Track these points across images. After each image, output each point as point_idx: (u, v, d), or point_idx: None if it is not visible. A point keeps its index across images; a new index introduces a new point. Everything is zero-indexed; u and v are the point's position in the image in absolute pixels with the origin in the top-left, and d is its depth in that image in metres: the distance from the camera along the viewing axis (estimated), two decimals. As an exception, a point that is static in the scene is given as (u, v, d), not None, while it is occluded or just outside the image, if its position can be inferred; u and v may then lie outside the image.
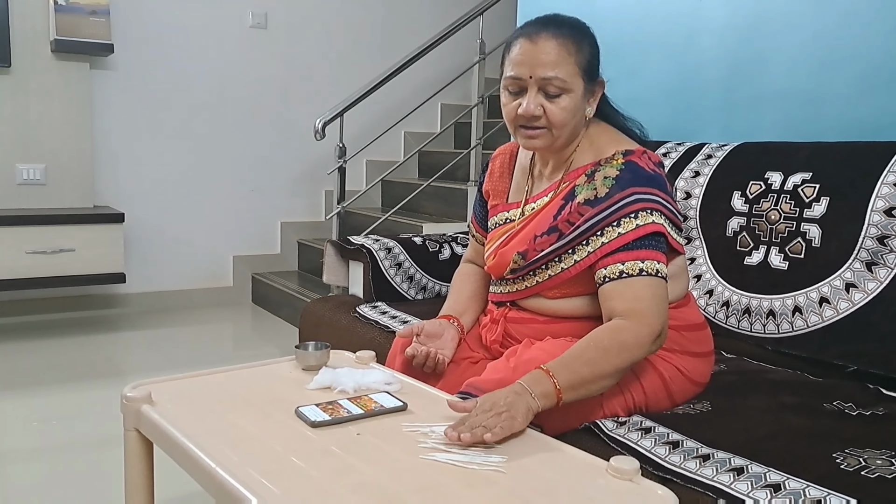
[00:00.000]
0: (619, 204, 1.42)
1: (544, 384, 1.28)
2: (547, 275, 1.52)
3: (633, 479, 1.07)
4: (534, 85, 1.45)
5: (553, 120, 1.45)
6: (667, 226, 1.45)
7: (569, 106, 1.45)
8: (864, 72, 2.02)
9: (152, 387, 1.37)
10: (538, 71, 1.43)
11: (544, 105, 1.45)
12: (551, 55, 1.43)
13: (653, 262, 1.41)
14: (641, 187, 1.43)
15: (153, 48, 4.06)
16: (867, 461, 1.21)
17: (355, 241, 2.46)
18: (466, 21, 4.03)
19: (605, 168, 1.47)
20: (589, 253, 1.45)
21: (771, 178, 1.90)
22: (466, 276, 1.81)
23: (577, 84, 1.45)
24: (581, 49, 1.46)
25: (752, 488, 1.13)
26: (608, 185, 1.44)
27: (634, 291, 1.40)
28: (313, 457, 1.13)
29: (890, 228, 1.66)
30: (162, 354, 3.44)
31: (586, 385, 1.32)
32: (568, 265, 1.48)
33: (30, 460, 2.26)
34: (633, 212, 1.42)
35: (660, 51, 2.56)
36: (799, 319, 1.76)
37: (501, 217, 1.67)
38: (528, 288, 1.56)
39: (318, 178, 4.57)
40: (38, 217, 3.42)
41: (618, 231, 1.42)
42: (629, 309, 1.38)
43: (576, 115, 1.48)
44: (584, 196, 1.47)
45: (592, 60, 1.48)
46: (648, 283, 1.40)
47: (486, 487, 1.04)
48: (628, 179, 1.44)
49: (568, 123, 1.47)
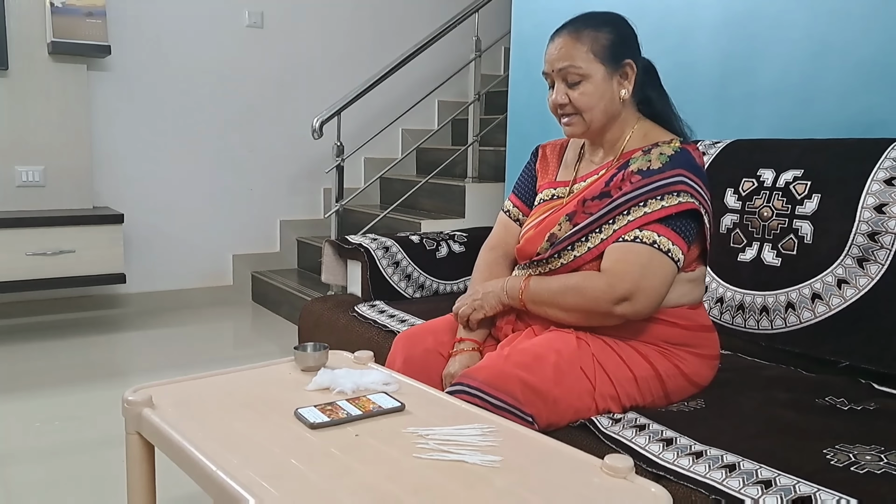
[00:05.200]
0: (668, 180, 1.49)
1: (514, 287, 1.60)
2: (586, 247, 1.55)
3: (627, 476, 1.09)
4: (557, 77, 1.58)
5: (578, 105, 1.56)
6: (704, 216, 1.51)
7: (589, 90, 1.55)
8: (855, 69, 2.03)
9: (153, 390, 1.38)
10: (556, 64, 1.57)
11: (569, 93, 1.57)
12: (562, 48, 1.56)
13: (667, 241, 1.47)
14: (690, 173, 1.50)
15: (150, 49, 4.07)
16: (857, 457, 1.23)
17: (353, 241, 2.48)
18: (462, 18, 4.04)
19: (663, 146, 1.55)
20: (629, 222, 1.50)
21: (763, 176, 1.91)
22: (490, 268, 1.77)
23: (594, 69, 1.54)
24: (596, 37, 1.54)
25: (744, 485, 1.15)
26: (662, 161, 1.52)
27: (623, 254, 1.48)
28: (312, 458, 1.14)
29: (880, 225, 1.68)
30: (163, 354, 3.46)
31: (544, 307, 1.56)
32: (607, 235, 1.52)
33: (32, 461, 2.27)
34: (678, 191, 1.48)
35: (653, 48, 2.56)
36: (792, 315, 1.78)
37: (547, 193, 1.73)
38: (563, 265, 1.58)
39: (316, 176, 4.59)
40: (37, 219, 3.43)
41: (661, 204, 1.48)
42: (608, 267, 1.49)
43: (603, 98, 1.55)
44: (637, 166, 1.54)
45: (612, 46, 1.55)
46: (641, 252, 1.47)
47: (483, 487, 1.06)
48: (681, 161, 1.52)
49: (595, 106, 1.55)
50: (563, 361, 1.44)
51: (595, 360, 1.47)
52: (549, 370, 1.42)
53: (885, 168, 1.72)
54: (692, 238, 1.51)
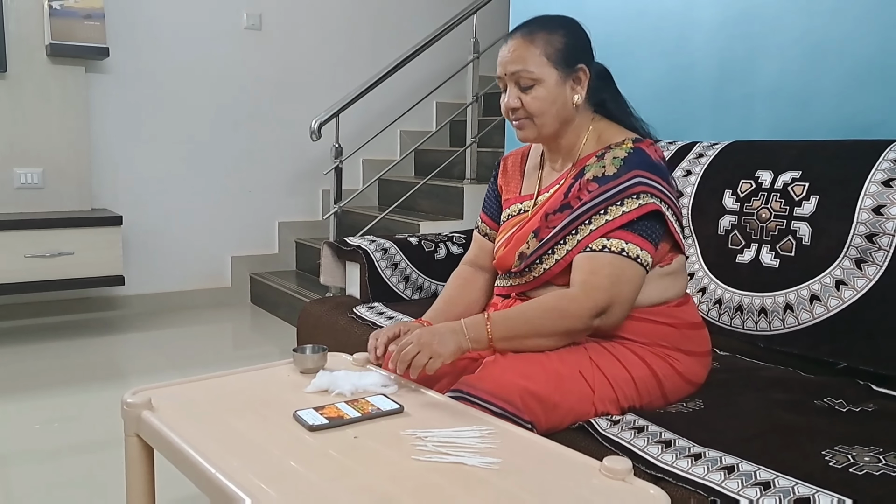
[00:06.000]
0: (625, 184, 1.48)
1: (479, 331, 1.44)
2: (553, 259, 1.54)
3: (625, 478, 1.09)
4: (510, 80, 1.55)
5: (531, 109, 1.54)
6: (667, 212, 1.50)
7: (541, 95, 1.52)
8: (852, 70, 2.03)
9: (152, 392, 1.38)
10: (508, 67, 1.54)
11: (521, 97, 1.54)
12: (515, 51, 1.53)
13: (635, 247, 1.46)
14: (646, 172, 1.49)
15: (148, 51, 4.07)
16: (856, 458, 1.23)
17: (351, 243, 2.48)
18: (460, 20, 4.05)
19: (615, 150, 1.54)
20: (591, 231, 1.49)
21: (761, 177, 1.92)
22: (464, 282, 1.80)
23: (547, 73, 1.52)
24: (550, 40, 1.52)
25: (743, 486, 1.15)
26: (616, 165, 1.50)
27: (594, 265, 1.47)
28: (311, 460, 1.14)
29: (878, 226, 1.68)
30: (162, 355, 3.46)
31: (520, 340, 1.46)
32: (572, 246, 1.52)
33: (31, 463, 2.28)
34: (636, 193, 1.47)
35: (651, 50, 2.58)
36: (790, 317, 1.78)
37: (514, 209, 1.71)
38: (536, 278, 1.58)
39: (315, 178, 4.59)
40: (36, 221, 3.43)
41: (621, 210, 1.47)
42: (583, 280, 1.47)
43: (555, 103, 1.53)
44: (592, 173, 1.53)
45: (566, 50, 1.53)
46: (612, 261, 1.46)
47: (482, 489, 1.06)
48: (635, 162, 1.50)
49: (547, 111, 1.53)
50: (563, 366, 1.45)
51: (593, 364, 1.47)
52: (549, 376, 1.42)
53: (882, 169, 1.72)
54: (658, 238, 1.50)
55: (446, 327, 1.44)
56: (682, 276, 1.62)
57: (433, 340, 1.40)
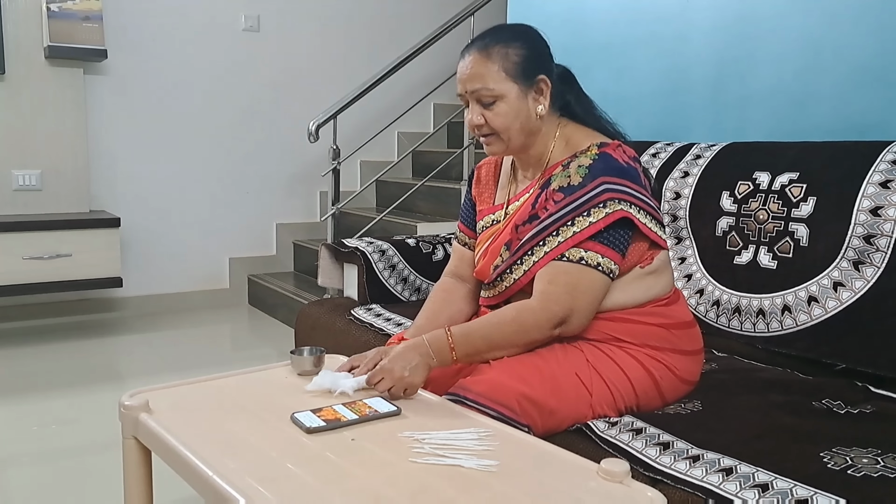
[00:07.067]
0: (590, 194, 1.46)
1: (444, 352, 1.44)
2: (522, 270, 1.54)
3: (623, 481, 1.08)
4: (470, 98, 1.53)
5: (494, 126, 1.52)
6: (638, 215, 1.48)
7: (503, 110, 1.50)
8: (850, 72, 2.04)
9: (150, 394, 1.38)
10: (467, 85, 1.52)
11: (484, 114, 1.52)
12: (473, 68, 1.51)
13: (595, 255, 1.45)
14: (613, 177, 1.47)
15: (147, 53, 4.07)
16: (854, 460, 1.23)
17: (349, 244, 2.48)
18: (458, 21, 4.05)
19: (580, 158, 1.51)
20: (559, 243, 1.47)
21: (759, 178, 1.92)
22: (446, 295, 1.77)
23: (507, 88, 1.49)
24: (507, 54, 1.50)
25: (741, 488, 1.15)
26: (581, 174, 1.48)
27: (553, 275, 1.47)
28: (309, 463, 1.14)
29: (876, 228, 1.68)
30: (160, 357, 3.46)
31: (481, 354, 1.47)
32: (539, 258, 1.50)
33: (28, 465, 2.27)
34: (603, 201, 1.45)
35: (649, 52, 2.58)
36: (788, 318, 1.78)
37: (488, 220, 1.70)
38: (508, 288, 1.58)
39: (312, 180, 4.59)
40: (34, 223, 3.43)
41: (588, 220, 1.45)
42: (541, 291, 1.47)
43: (519, 116, 1.51)
44: (558, 183, 1.51)
45: (524, 62, 1.50)
46: (569, 270, 1.45)
47: (479, 491, 1.06)
48: (601, 169, 1.47)
49: (511, 126, 1.52)
50: (560, 370, 1.44)
51: (590, 366, 1.47)
52: (546, 380, 1.42)
53: (880, 171, 1.72)
54: (626, 244, 1.49)
55: (414, 350, 1.42)
56: (667, 272, 1.61)
57: (404, 372, 1.39)
